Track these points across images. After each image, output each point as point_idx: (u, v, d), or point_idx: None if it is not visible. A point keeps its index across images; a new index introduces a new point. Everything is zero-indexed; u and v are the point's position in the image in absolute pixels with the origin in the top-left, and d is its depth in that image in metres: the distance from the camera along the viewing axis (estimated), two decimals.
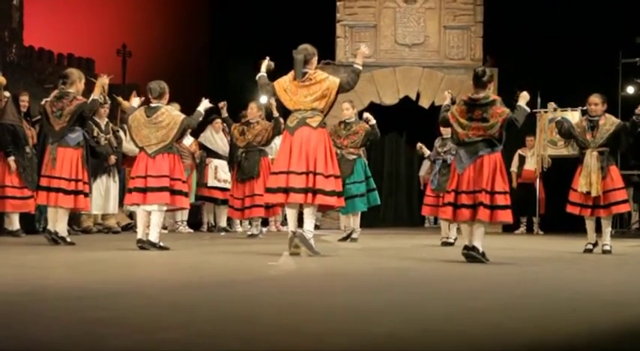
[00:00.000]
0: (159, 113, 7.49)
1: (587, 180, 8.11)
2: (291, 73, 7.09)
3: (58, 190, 7.78)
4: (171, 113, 7.55)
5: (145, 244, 7.34)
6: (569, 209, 8.38)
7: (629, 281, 5.83)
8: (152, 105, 7.56)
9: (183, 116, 7.59)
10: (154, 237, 7.40)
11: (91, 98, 7.89)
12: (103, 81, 8.13)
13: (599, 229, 8.37)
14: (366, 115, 9.90)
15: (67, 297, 4.17)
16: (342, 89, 7.04)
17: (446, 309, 4.00)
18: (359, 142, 9.77)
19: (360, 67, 7.10)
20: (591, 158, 8.12)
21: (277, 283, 5.18)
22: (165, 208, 7.56)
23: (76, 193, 7.83)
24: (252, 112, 10.05)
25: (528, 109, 6.74)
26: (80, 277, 5.23)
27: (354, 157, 9.74)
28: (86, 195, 7.96)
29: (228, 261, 6.80)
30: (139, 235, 7.43)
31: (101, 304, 3.91)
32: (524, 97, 6.74)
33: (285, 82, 7.12)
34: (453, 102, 7.14)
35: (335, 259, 6.94)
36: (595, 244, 8.33)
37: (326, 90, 6.98)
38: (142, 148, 7.54)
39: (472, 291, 4.87)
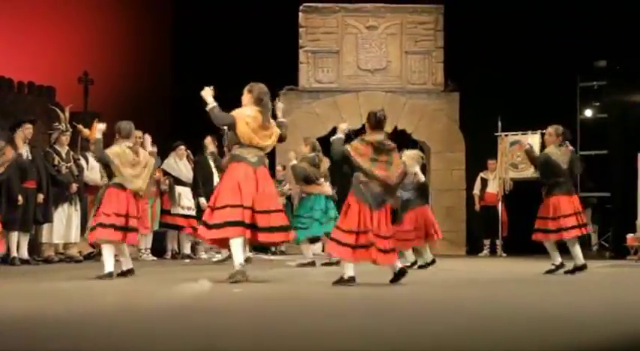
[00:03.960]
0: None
1: None
2: (254, 109, 6.97)
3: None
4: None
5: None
6: None
7: (588, 303, 5.89)
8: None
9: None
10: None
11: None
12: None
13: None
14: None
15: (29, 327, 4.13)
16: (279, 141, 7.17)
17: (405, 332, 4.01)
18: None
19: (286, 121, 7.30)
20: None
21: (243, 310, 5.16)
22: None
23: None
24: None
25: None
26: (42, 307, 5.17)
27: None
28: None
29: (192, 288, 6.75)
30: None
31: (63, 333, 3.87)
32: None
33: (246, 115, 6.98)
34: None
35: (298, 284, 6.92)
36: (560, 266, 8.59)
37: (274, 136, 7.06)
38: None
39: (434, 315, 4.89)
